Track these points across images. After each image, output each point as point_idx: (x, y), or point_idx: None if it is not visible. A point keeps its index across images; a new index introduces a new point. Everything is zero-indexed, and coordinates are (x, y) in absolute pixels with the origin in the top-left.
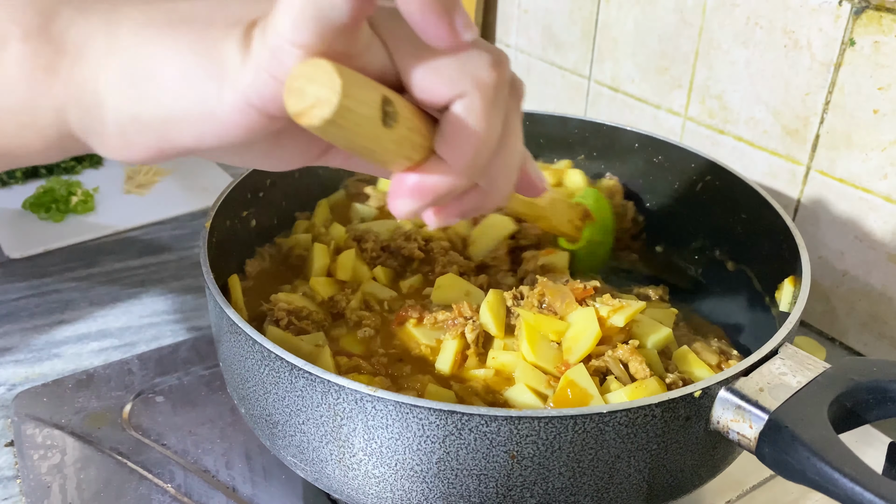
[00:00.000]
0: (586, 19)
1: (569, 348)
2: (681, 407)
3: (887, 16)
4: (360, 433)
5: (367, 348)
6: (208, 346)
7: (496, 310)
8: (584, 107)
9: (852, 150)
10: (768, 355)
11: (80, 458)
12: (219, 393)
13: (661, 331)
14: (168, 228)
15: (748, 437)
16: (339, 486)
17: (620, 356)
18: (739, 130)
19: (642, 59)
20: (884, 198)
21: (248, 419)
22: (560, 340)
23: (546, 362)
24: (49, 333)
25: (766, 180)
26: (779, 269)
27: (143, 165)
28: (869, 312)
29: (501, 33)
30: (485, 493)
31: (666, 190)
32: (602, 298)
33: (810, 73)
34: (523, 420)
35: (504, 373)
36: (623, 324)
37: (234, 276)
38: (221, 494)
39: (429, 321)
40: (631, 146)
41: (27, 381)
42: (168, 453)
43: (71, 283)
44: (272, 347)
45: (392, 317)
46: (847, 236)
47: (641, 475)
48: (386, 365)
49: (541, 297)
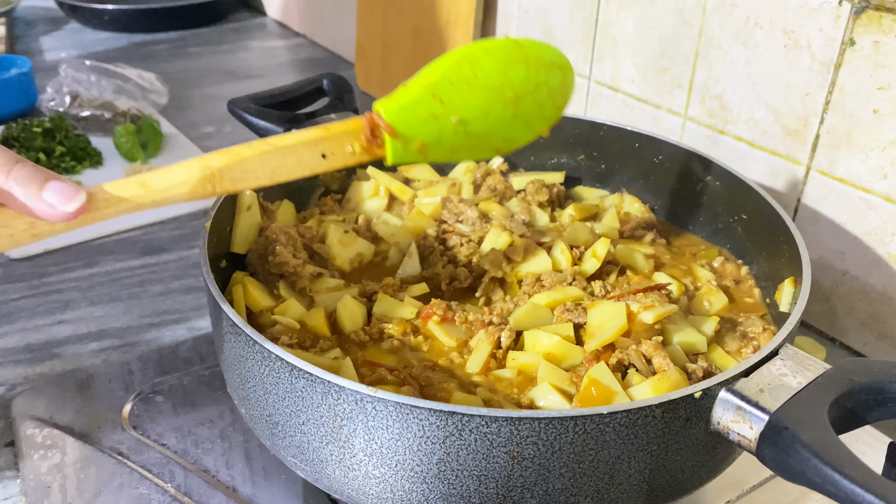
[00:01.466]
0: (586, 19)
1: (591, 334)
2: (681, 408)
3: (887, 16)
4: (360, 434)
5: (397, 358)
6: (208, 346)
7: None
8: (584, 107)
9: (852, 150)
10: (769, 356)
11: (80, 458)
12: (219, 393)
13: (692, 335)
14: (168, 228)
15: (748, 437)
16: (339, 487)
17: (644, 351)
18: (739, 130)
19: (642, 59)
20: (884, 198)
21: (249, 419)
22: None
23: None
24: (49, 333)
25: (766, 180)
26: (779, 269)
27: (142, 165)
28: (869, 312)
29: (501, 33)
30: (485, 493)
31: (666, 190)
32: (636, 297)
33: (810, 73)
34: (524, 421)
35: (528, 373)
36: (652, 321)
37: (237, 275)
38: (221, 494)
39: (459, 319)
40: (631, 146)
41: (27, 381)
42: (168, 453)
43: (71, 283)
44: (272, 348)
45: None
46: (847, 236)
47: (642, 476)
48: (414, 375)
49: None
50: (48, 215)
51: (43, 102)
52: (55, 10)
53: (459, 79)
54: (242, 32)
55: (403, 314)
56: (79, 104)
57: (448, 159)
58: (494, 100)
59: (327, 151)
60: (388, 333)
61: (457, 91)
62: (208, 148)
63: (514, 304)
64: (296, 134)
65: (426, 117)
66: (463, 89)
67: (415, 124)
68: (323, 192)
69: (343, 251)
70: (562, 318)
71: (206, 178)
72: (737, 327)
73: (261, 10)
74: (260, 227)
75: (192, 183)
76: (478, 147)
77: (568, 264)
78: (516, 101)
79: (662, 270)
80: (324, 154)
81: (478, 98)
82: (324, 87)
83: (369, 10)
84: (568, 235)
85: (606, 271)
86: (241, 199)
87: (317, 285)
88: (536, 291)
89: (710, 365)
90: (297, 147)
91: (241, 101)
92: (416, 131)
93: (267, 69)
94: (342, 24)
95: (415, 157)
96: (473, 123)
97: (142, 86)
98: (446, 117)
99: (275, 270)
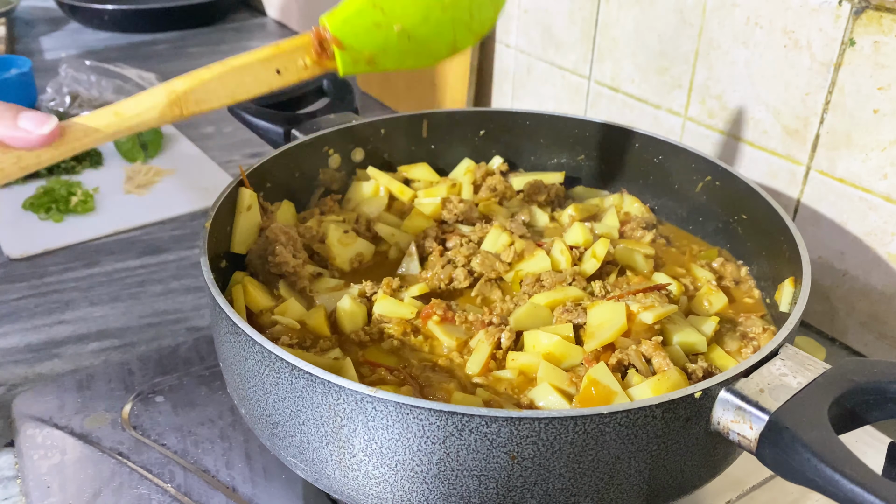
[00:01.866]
0: (586, 19)
1: (591, 334)
2: (681, 408)
3: (887, 16)
4: (360, 434)
5: (397, 358)
6: (208, 346)
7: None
8: (584, 107)
9: (852, 150)
10: (769, 356)
11: (80, 458)
12: (219, 393)
13: (692, 335)
14: (168, 228)
15: (748, 437)
16: (339, 487)
17: (644, 351)
18: (739, 130)
19: (642, 59)
20: (884, 198)
21: (249, 419)
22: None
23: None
24: (49, 333)
25: (766, 180)
26: (779, 270)
27: (143, 165)
28: (869, 312)
29: (501, 33)
30: (485, 493)
31: (666, 190)
32: (636, 297)
33: (810, 73)
34: (524, 421)
35: (527, 373)
36: (652, 321)
37: (237, 275)
38: (221, 494)
39: (459, 319)
40: (631, 146)
41: (27, 381)
42: (168, 453)
43: (71, 283)
44: (272, 348)
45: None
46: (847, 236)
47: (642, 476)
48: (414, 375)
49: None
50: (27, 141)
51: (43, 102)
52: (55, 10)
53: None
54: (242, 32)
55: (403, 314)
56: (79, 104)
57: (397, 67)
58: (432, 5)
59: (281, 67)
60: (388, 333)
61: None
62: (208, 148)
63: (514, 304)
64: (250, 53)
65: (370, 27)
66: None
67: (360, 35)
68: (323, 193)
69: (343, 251)
70: (561, 318)
71: (173, 101)
72: (737, 327)
73: (261, 10)
74: (260, 227)
75: (160, 107)
76: (424, 53)
77: (568, 264)
78: (453, 5)
79: (662, 270)
80: (278, 70)
81: (416, 4)
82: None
83: None
84: (568, 235)
85: (606, 271)
86: (241, 199)
87: (317, 285)
88: (536, 291)
89: (710, 365)
90: (253, 65)
91: (241, 102)
92: (362, 42)
93: None
94: None
95: (364, 67)
96: (415, 29)
97: (142, 86)
98: (389, 26)
99: (275, 270)
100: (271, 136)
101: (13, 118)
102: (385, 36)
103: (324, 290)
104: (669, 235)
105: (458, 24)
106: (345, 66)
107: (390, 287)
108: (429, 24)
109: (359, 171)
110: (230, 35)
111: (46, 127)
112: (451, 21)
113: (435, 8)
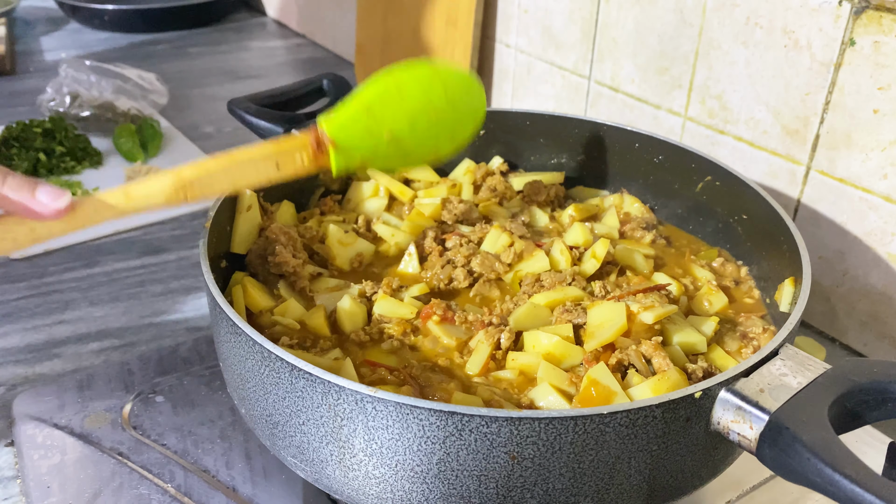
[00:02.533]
0: (586, 19)
1: (591, 335)
2: (681, 408)
3: (887, 16)
4: (360, 434)
5: (397, 358)
6: (208, 346)
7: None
8: (584, 107)
9: (852, 150)
10: (769, 356)
11: (80, 458)
12: (219, 393)
13: (692, 335)
14: (168, 228)
15: (749, 437)
16: (339, 487)
17: (644, 351)
18: (739, 130)
19: (642, 59)
20: (884, 198)
21: (249, 419)
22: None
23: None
24: (49, 333)
25: (766, 180)
26: (779, 270)
27: (143, 166)
28: (869, 312)
29: (501, 33)
30: (485, 493)
31: (666, 190)
32: (636, 297)
33: (810, 73)
34: (524, 421)
35: (527, 373)
36: (652, 321)
37: (237, 275)
38: (221, 494)
39: (459, 319)
40: (631, 146)
41: (27, 381)
42: (168, 453)
43: (71, 283)
44: (272, 348)
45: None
46: (847, 236)
47: (642, 476)
48: (414, 375)
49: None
50: (43, 213)
51: (43, 102)
52: (55, 10)
53: (389, 99)
54: (242, 32)
55: (403, 314)
56: (79, 104)
57: (385, 167)
58: (419, 117)
59: (280, 162)
60: (388, 333)
61: (387, 109)
62: (208, 148)
63: (514, 305)
64: (254, 148)
65: (363, 132)
66: (392, 108)
67: (353, 138)
68: (323, 193)
69: (343, 251)
70: (561, 318)
71: (179, 187)
72: (737, 327)
73: (261, 10)
74: (260, 227)
75: (167, 192)
76: (409, 158)
77: (567, 265)
78: (438, 118)
79: (662, 270)
80: (277, 164)
81: (405, 115)
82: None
83: (369, 10)
84: (568, 236)
85: (606, 271)
86: (241, 199)
87: (317, 285)
88: (536, 291)
89: (710, 365)
90: (255, 160)
91: (241, 102)
92: (355, 144)
93: (267, 69)
94: (342, 24)
95: (356, 165)
96: (402, 137)
97: (142, 86)
98: (380, 132)
99: (275, 270)
100: (271, 136)
101: (31, 191)
102: (376, 140)
103: (324, 290)
104: (669, 235)
105: (441, 134)
106: (338, 164)
107: (390, 287)
108: (415, 133)
109: (359, 172)
110: (230, 35)
111: (62, 201)
112: (436, 131)
113: (421, 119)
